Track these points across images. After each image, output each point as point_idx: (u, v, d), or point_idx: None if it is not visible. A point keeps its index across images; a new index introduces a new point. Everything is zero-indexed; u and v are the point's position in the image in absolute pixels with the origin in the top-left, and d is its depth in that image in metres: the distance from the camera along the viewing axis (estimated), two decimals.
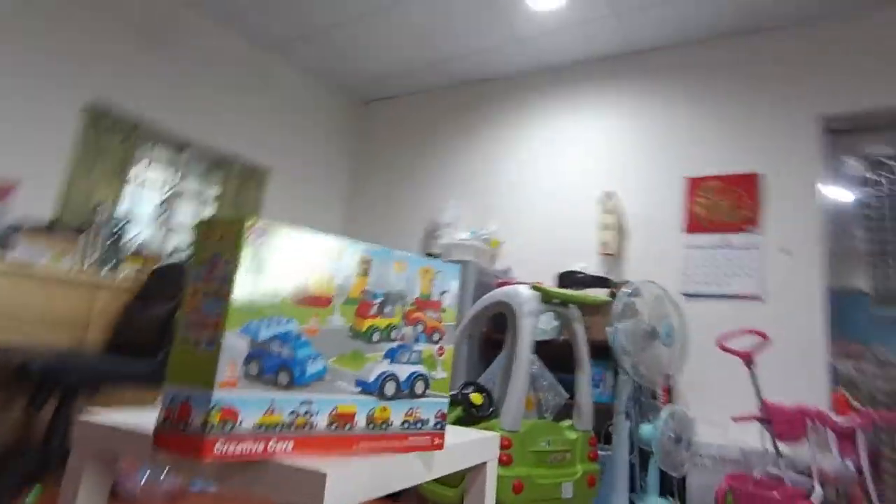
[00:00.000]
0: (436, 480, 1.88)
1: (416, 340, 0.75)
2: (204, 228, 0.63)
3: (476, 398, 2.19)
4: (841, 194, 3.05)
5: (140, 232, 3.36)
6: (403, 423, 0.72)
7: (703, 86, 3.37)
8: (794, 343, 2.73)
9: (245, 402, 0.58)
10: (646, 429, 2.39)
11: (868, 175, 3.04)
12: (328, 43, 3.89)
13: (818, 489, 2.17)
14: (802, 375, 2.71)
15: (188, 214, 3.70)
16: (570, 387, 2.34)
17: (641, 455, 2.44)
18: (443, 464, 0.79)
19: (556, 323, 2.73)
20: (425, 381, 0.75)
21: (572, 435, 1.80)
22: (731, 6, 3.09)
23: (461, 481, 1.76)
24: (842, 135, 3.05)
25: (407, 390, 0.73)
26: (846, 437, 2.40)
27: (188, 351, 0.60)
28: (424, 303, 0.76)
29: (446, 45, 3.78)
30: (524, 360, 1.79)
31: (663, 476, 2.43)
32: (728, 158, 3.21)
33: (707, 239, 3.16)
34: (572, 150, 3.73)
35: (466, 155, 4.16)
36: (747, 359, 2.45)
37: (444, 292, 0.79)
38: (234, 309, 0.58)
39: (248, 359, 0.59)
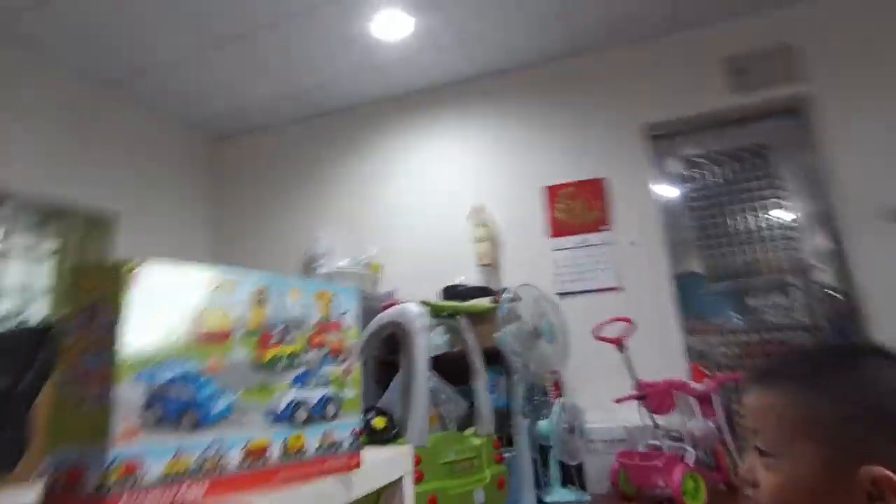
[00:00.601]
0: None
1: (322, 364, 0.75)
2: (77, 276, 0.58)
3: (378, 422, 2.16)
4: (669, 191, 3.55)
5: None
6: (318, 447, 0.72)
7: (548, 102, 3.74)
8: (652, 324, 3.10)
9: (148, 453, 0.55)
10: (542, 424, 2.54)
11: (685, 172, 3.58)
12: (169, 78, 3.66)
13: (690, 451, 2.47)
14: (664, 352, 3.07)
15: (18, 274, 3.22)
16: (468, 395, 2.42)
17: (541, 451, 2.59)
18: (361, 483, 0.79)
19: (446, 336, 2.81)
20: (336, 403, 0.75)
21: (477, 441, 1.87)
22: (560, 32, 3.49)
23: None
24: (663, 139, 3.57)
25: (318, 414, 0.73)
26: (705, 401, 2.77)
27: (71, 410, 0.54)
28: (325, 325, 0.77)
29: (299, 77, 3.76)
30: (422, 375, 1.83)
31: (562, 467, 2.59)
32: (577, 166, 3.59)
33: (569, 241, 3.48)
34: (440, 170, 3.90)
35: (337, 183, 4.14)
36: (618, 344, 2.74)
37: (343, 313, 0.80)
38: (124, 358, 0.54)
39: (146, 406, 0.56)
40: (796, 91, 3.23)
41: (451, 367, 2.66)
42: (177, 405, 0.58)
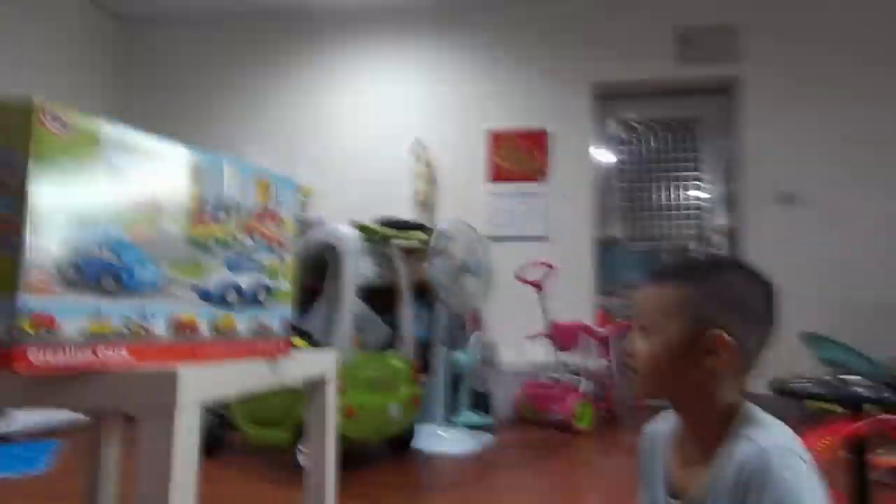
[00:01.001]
0: (263, 424, 1.85)
1: (257, 251, 0.74)
2: None
3: (298, 342, 2.18)
4: (605, 152, 3.67)
5: None
6: (249, 330, 0.72)
7: (500, 45, 3.67)
8: (570, 272, 3.27)
9: (64, 309, 0.52)
10: (459, 355, 2.66)
11: (623, 136, 3.71)
12: None
13: (584, 383, 2.74)
14: (576, 298, 3.27)
15: None
16: (390, 326, 2.48)
17: (455, 379, 2.72)
18: (289, 371, 0.80)
19: (375, 268, 2.82)
20: (267, 290, 0.75)
21: (396, 363, 1.93)
22: None
23: (290, 421, 1.77)
24: (606, 100, 3.65)
25: (250, 299, 0.72)
26: (604, 343, 3.02)
27: None
28: (263, 214, 0.75)
29: None
30: (349, 296, 1.84)
31: (473, 394, 2.75)
32: (523, 115, 3.60)
33: (507, 188, 3.54)
34: (380, 100, 3.76)
35: (265, 97, 3.87)
36: (538, 286, 2.88)
37: (281, 204, 0.79)
38: (34, 205, 0.50)
39: (65, 263, 0.53)
40: (731, 71, 3.39)
41: (376, 299, 2.70)
42: (98, 266, 0.55)
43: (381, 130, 3.72)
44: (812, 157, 3.25)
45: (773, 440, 0.62)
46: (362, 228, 1.96)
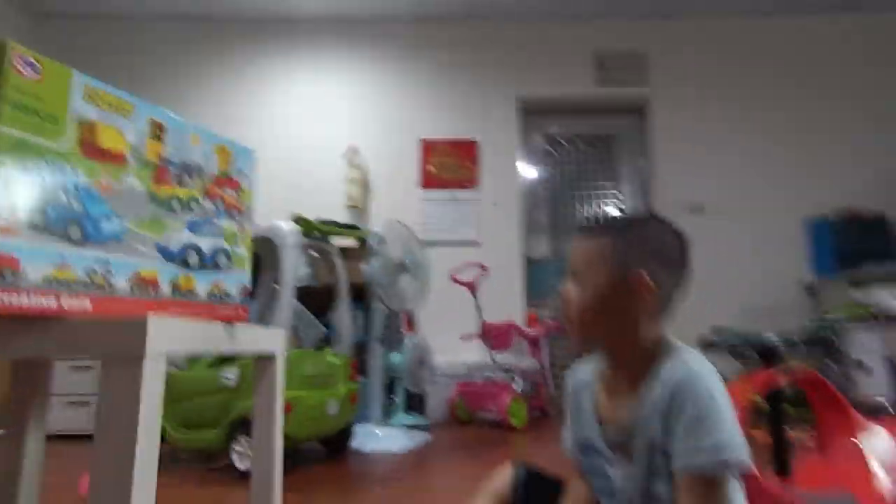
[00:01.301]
0: (194, 427, 1.77)
1: (217, 216, 0.74)
2: None
3: None
4: (532, 162, 3.87)
5: None
6: (208, 293, 0.72)
7: (433, 58, 3.78)
8: (501, 276, 3.39)
9: (28, 253, 0.51)
10: (395, 357, 2.68)
11: (548, 148, 3.93)
12: None
13: (518, 381, 2.82)
14: (508, 301, 3.39)
15: None
16: (325, 326, 2.45)
17: (389, 381, 2.73)
18: (243, 339, 0.80)
19: (310, 269, 2.79)
20: (227, 255, 0.76)
21: (333, 360, 1.92)
22: None
23: (224, 421, 1.71)
24: (532, 115, 3.85)
25: (210, 263, 0.72)
26: (535, 344, 3.15)
27: None
28: (223, 180, 0.76)
29: None
30: (288, 290, 1.82)
31: (408, 396, 2.77)
32: (454, 126, 3.72)
33: (439, 194, 3.63)
34: (316, 107, 3.75)
35: (197, 98, 3.74)
36: (472, 287, 2.96)
37: (241, 172, 0.80)
38: (3, 145, 0.50)
39: (30, 207, 0.52)
40: (642, 92, 3.71)
41: (311, 300, 2.66)
42: (63, 213, 0.55)
43: (316, 136, 3.70)
44: (717, 169, 3.60)
45: (699, 364, 0.72)
46: (302, 222, 1.95)
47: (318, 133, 3.70)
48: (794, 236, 3.50)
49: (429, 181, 3.65)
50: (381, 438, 2.17)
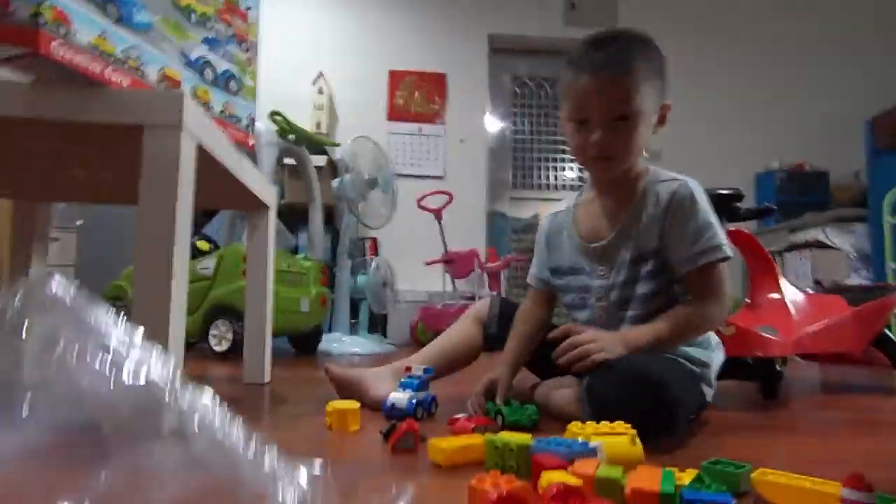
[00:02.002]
0: None
1: (228, 41, 0.79)
2: None
3: (202, 245, 2.13)
4: (499, 105, 3.93)
5: None
6: (221, 111, 0.77)
7: None
8: (465, 210, 3.49)
9: (76, 14, 0.56)
10: (360, 278, 2.75)
11: (516, 90, 3.99)
12: None
13: None
14: (470, 236, 3.51)
15: None
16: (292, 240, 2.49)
17: (354, 302, 2.81)
18: (247, 175, 0.86)
19: (277, 187, 2.79)
20: (237, 81, 0.81)
21: (306, 263, 1.99)
22: None
23: (202, 308, 1.76)
24: (502, 54, 3.88)
25: (223, 82, 0.78)
26: (493, 276, 3.30)
27: None
28: (233, 8, 0.80)
29: None
30: None
31: (370, 318, 2.87)
32: (423, 59, 3.71)
33: (406, 127, 3.65)
34: (286, 32, 3.66)
35: None
36: (437, 213, 3.06)
37: (248, 8, 0.84)
38: None
39: None
40: None
41: (280, 217, 2.68)
42: None
43: (285, 61, 3.61)
44: (676, 116, 3.76)
45: (688, 180, 0.86)
46: (278, 119, 1.96)
47: (287, 58, 3.62)
48: (745, 188, 3.75)
49: (395, 113, 3.66)
50: (348, 343, 2.27)
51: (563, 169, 3.94)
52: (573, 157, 0.92)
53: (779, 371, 1.17)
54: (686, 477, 0.51)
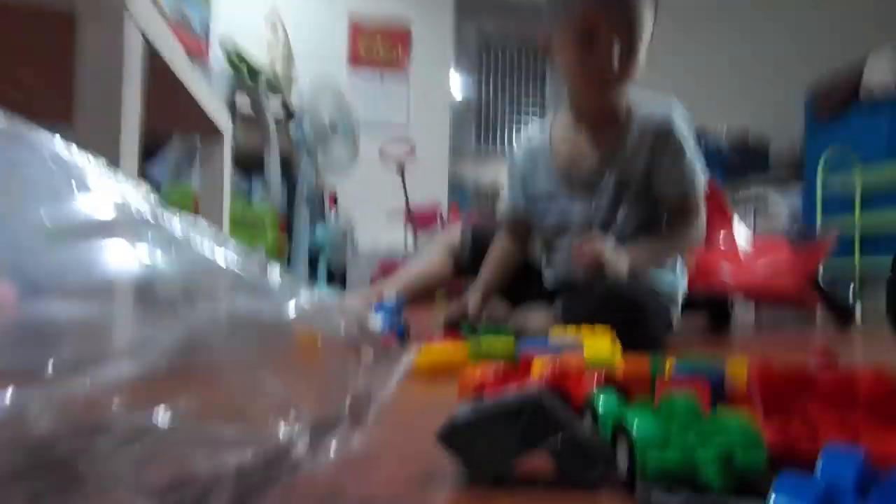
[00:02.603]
0: None
1: None
2: None
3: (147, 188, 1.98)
4: (464, 63, 3.82)
5: None
6: (173, 10, 0.68)
7: None
8: (427, 165, 3.42)
9: None
10: (319, 231, 2.67)
11: (482, 48, 3.88)
12: None
13: None
14: (432, 192, 3.45)
15: None
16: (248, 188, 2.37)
17: (312, 255, 2.73)
18: (198, 91, 0.78)
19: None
20: None
21: (261, 208, 1.89)
22: None
23: None
24: (469, 11, 3.73)
25: None
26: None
27: None
28: None
29: None
30: None
31: (329, 272, 2.80)
32: (386, 4, 3.53)
33: (367, 73, 3.50)
34: None
35: None
36: (399, 164, 2.97)
37: None
38: None
39: None
40: None
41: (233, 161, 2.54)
42: None
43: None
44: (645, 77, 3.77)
45: (672, 106, 0.86)
46: (228, 49, 1.81)
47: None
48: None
49: (356, 59, 3.50)
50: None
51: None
52: (566, 80, 0.88)
53: (731, 303, 1.31)
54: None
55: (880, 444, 0.28)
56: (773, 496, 0.18)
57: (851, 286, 1.69)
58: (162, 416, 0.17)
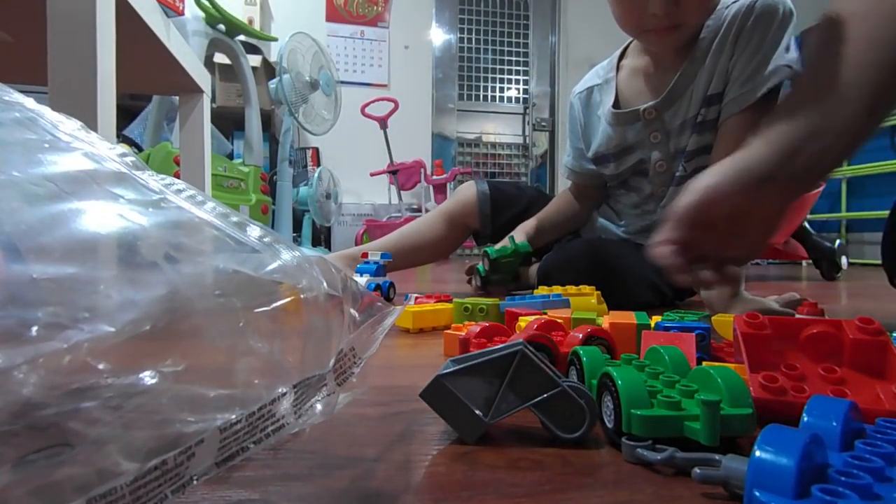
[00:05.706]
0: None
1: None
2: None
3: (124, 148, 1.93)
4: (446, 9, 3.68)
5: None
6: None
7: None
8: (411, 120, 3.36)
9: None
10: (302, 190, 2.63)
11: (464, 4, 3.74)
12: None
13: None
14: (416, 147, 3.40)
15: None
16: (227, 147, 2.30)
17: (296, 215, 2.70)
18: (177, 48, 0.74)
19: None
20: None
21: (245, 168, 1.85)
22: None
23: None
24: None
25: None
26: (439, 189, 3.25)
27: None
28: None
29: None
30: None
31: (314, 231, 2.78)
32: None
33: (346, 29, 3.37)
34: None
35: None
36: (383, 121, 2.92)
37: None
38: None
39: None
40: None
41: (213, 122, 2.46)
42: None
43: None
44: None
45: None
46: (211, 13, 1.72)
47: None
48: None
49: (333, 14, 3.36)
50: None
51: (511, 85, 3.83)
52: (624, 30, 0.75)
53: None
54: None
55: (866, 396, 0.29)
56: (757, 449, 0.19)
57: (837, 238, 1.70)
58: (147, 377, 0.17)
